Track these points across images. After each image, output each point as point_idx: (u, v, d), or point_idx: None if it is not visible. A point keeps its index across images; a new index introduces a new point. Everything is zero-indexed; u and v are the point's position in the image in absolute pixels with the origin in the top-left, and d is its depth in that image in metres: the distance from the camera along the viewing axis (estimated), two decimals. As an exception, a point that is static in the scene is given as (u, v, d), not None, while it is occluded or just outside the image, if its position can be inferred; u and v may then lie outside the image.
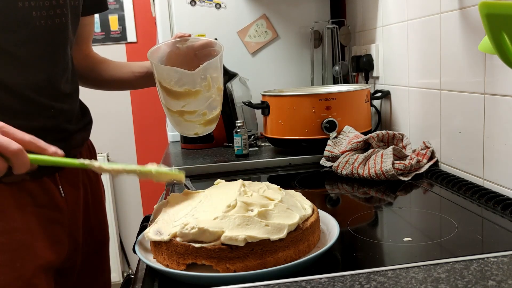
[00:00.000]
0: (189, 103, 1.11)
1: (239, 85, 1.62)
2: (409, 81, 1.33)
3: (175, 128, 1.19)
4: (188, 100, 1.11)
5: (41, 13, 0.84)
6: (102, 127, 2.59)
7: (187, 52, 1.15)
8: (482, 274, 0.58)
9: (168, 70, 1.09)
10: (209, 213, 0.68)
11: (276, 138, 1.40)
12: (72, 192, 0.96)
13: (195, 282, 0.64)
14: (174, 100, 1.11)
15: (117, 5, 2.61)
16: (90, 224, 1.02)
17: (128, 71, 1.19)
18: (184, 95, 1.10)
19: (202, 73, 1.10)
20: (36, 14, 0.83)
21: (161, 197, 1.30)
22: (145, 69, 1.18)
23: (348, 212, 0.98)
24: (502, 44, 0.55)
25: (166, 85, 1.09)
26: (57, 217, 0.91)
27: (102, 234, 1.10)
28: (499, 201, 0.89)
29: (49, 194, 0.89)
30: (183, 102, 1.11)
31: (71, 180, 0.96)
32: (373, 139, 1.23)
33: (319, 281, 0.59)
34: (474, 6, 0.98)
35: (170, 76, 1.09)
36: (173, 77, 1.09)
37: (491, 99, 0.96)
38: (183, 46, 1.15)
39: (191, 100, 1.11)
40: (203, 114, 1.14)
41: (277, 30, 1.77)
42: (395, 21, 1.38)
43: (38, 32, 0.85)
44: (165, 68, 1.09)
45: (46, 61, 0.87)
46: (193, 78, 1.09)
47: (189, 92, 1.10)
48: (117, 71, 1.18)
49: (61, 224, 0.92)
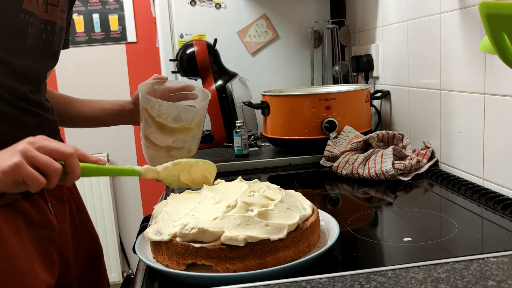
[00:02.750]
0: (180, 139, 1.13)
1: (239, 85, 1.62)
2: (409, 81, 1.33)
3: (153, 164, 1.16)
4: (179, 136, 1.12)
5: (36, 33, 0.84)
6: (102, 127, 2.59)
7: (162, 93, 1.16)
8: (482, 274, 0.58)
9: (169, 105, 1.11)
10: (209, 213, 0.68)
11: (276, 138, 1.40)
12: (60, 208, 0.93)
13: (195, 282, 0.64)
14: (165, 135, 1.12)
15: (117, 5, 2.61)
16: (80, 238, 0.99)
17: (98, 108, 1.16)
18: (178, 131, 1.12)
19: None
20: (31, 32, 0.83)
21: (161, 197, 1.30)
22: (118, 106, 1.16)
23: (348, 212, 0.98)
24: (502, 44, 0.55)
25: (161, 120, 1.10)
26: (49, 235, 0.88)
27: (94, 246, 1.05)
28: (499, 201, 0.89)
29: (41, 212, 0.87)
30: (174, 138, 1.12)
31: (57, 195, 0.93)
32: (373, 139, 1.23)
33: (319, 281, 0.59)
34: (474, 6, 0.98)
35: (169, 111, 1.10)
36: (172, 112, 1.10)
37: (491, 99, 0.96)
38: (159, 87, 1.17)
39: (182, 136, 1.13)
40: (188, 151, 1.16)
41: (277, 30, 1.77)
42: (395, 21, 1.38)
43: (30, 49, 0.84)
44: (165, 103, 1.10)
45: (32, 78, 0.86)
46: (192, 115, 1.11)
47: (183, 128, 1.12)
48: (84, 107, 1.15)
49: (53, 243, 0.89)
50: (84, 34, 2.61)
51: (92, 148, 2.58)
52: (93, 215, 2.62)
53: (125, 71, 2.66)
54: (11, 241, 0.79)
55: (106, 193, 2.63)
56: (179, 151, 1.14)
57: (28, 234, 0.83)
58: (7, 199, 0.80)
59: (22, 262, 0.80)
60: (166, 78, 1.17)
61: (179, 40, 1.72)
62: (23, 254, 0.81)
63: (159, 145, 1.12)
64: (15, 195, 0.81)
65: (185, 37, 1.72)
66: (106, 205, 2.64)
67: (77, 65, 2.61)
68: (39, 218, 0.86)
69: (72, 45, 2.59)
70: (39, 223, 0.86)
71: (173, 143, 1.12)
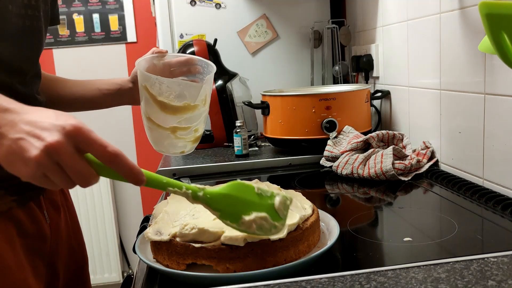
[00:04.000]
0: (185, 118, 1.07)
1: (239, 85, 1.62)
2: (409, 81, 1.33)
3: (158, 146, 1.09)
4: (184, 115, 1.06)
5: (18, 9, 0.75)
6: (102, 127, 2.59)
7: (163, 68, 1.07)
8: (482, 274, 0.58)
9: (170, 82, 1.04)
10: (209, 213, 0.68)
11: (276, 138, 1.40)
12: (55, 216, 0.89)
13: (195, 282, 0.64)
14: (169, 115, 1.05)
15: (117, 5, 2.61)
16: (71, 248, 0.95)
17: (93, 88, 1.06)
18: (182, 110, 1.04)
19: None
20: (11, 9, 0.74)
21: (161, 197, 1.30)
22: (115, 86, 1.07)
23: (348, 212, 0.98)
24: (502, 44, 0.55)
25: (163, 99, 1.03)
26: (39, 247, 0.83)
27: (82, 256, 1.01)
28: (499, 201, 0.89)
29: (35, 222, 0.82)
30: (179, 117, 1.06)
31: (53, 201, 0.89)
32: (373, 139, 1.23)
33: (319, 281, 0.59)
34: (474, 6, 0.98)
35: (171, 89, 1.03)
36: (174, 90, 1.04)
37: (491, 99, 0.96)
38: (159, 62, 1.07)
39: (187, 115, 1.06)
40: (195, 131, 1.08)
41: (277, 30, 1.77)
42: (395, 21, 1.38)
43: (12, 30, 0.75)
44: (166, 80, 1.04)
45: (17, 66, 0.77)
46: (197, 92, 1.05)
47: (188, 106, 1.04)
48: (79, 88, 1.06)
49: (42, 255, 0.83)
50: (84, 34, 2.60)
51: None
52: (93, 215, 2.62)
53: (125, 71, 2.66)
54: (5, 254, 0.74)
55: (106, 193, 2.63)
56: (185, 132, 1.05)
57: (20, 243, 0.78)
58: (1, 207, 0.75)
59: (17, 276, 0.76)
60: (166, 51, 1.08)
61: (179, 40, 1.72)
62: (17, 267, 0.76)
63: (162, 126, 1.04)
64: (10, 202, 0.76)
65: (185, 37, 1.72)
66: (106, 205, 2.64)
67: (77, 65, 2.61)
68: (32, 227, 0.81)
69: (72, 45, 2.59)
70: (31, 232, 0.81)
71: (178, 123, 1.04)
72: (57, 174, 0.53)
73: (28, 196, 0.80)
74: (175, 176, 1.29)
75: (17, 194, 0.77)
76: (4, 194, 0.75)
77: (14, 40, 0.76)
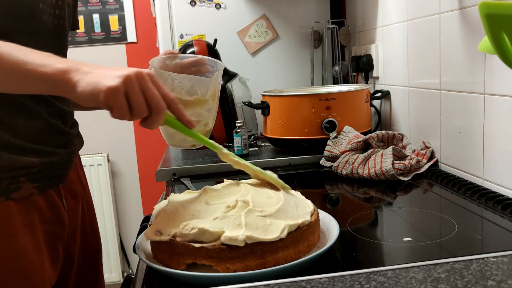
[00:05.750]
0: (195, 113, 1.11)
1: (239, 85, 1.62)
2: (409, 81, 1.33)
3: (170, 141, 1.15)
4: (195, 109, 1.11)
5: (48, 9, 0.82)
6: (102, 127, 2.59)
7: (174, 68, 1.13)
8: (482, 274, 0.58)
9: (182, 78, 1.09)
10: (209, 213, 0.68)
11: (276, 138, 1.40)
12: (73, 205, 0.94)
13: (195, 282, 0.64)
14: None
15: (117, 5, 2.61)
16: (87, 236, 0.99)
17: None
18: (193, 105, 1.09)
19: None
20: (42, 7, 0.80)
21: (161, 197, 1.30)
22: None
23: (348, 212, 0.98)
24: (502, 44, 0.55)
25: (175, 94, 1.07)
26: (59, 232, 0.88)
27: (97, 246, 1.06)
28: (499, 201, 0.89)
29: (54, 208, 0.87)
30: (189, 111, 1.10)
31: (72, 190, 0.94)
32: (373, 139, 1.23)
33: (319, 281, 0.59)
34: (474, 6, 0.98)
35: (182, 84, 1.08)
36: (185, 85, 1.08)
37: (491, 99, 0.96)
38: (171, 63, 1.15)
39: (198, 109, 1.11)
40: (205, 125, 1.13)
41: (277, 30, 1.77)
42: (395, 21, 1.38)
43: (45, 28, 0.82)
44: (178, 76, 1.09)
45: None
46: (207, 86, 1.09)
47: (198, 101, 1.09)
48: None
49: (61, 240, 0.89)
50: (84, 34, 2.61)
51: (92, 148, 2.58)
52: (93, 215, 2.62)
53: (125, 71, 2.66)
54: (24, 237, 0.79)
55: (106, 193, 2.63)
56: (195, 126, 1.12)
57: (40, 229, 0.83)
58: (23, 193, 0.79)
59: (33, 260, 0.80)
60: (178, 53, 1.15)
61: (179, 40, 1.72)
62: (34, 251, 0.81)
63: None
64: (31, 189, 0.80)
65: (185, 37, 1.72)
66: (106, 205, 2.64)
67: (77, 65, 2.61)
68: (51, 213, 0.86)
69: (72, 45, 2.59)
70: (51, 218, 0.86)
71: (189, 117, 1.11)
72: (139, 96, 0.64)
73: (48, 184, 0.85)
74: (175, 176, 1.29)
75: (37, 181, 0.82)
76: (26, 181, 0.80)
77: (47, 37, 0.82)
